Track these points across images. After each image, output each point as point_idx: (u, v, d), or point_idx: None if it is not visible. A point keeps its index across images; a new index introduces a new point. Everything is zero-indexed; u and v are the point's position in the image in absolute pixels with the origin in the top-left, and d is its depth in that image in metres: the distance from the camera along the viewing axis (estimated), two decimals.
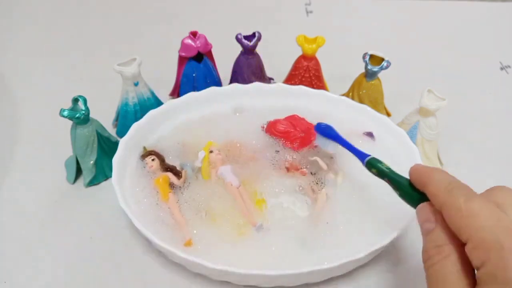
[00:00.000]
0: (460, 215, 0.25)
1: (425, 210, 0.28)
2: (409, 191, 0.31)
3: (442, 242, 0.26)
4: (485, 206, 0.25)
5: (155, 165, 0.43)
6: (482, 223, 0.24)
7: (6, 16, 0.75)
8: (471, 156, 0.51)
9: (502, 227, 0.24)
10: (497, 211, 0.25)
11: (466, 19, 0.76)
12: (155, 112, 0.46)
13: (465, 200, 0.25)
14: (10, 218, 0.43)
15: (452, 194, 0.26)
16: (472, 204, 0.25)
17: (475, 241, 0.24)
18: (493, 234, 0.23)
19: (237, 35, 0.51)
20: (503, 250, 0.23)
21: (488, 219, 0.24)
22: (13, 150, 0.50)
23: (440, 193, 0.27)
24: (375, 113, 0.47)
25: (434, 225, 0.27)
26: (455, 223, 0.25)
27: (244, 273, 0.34)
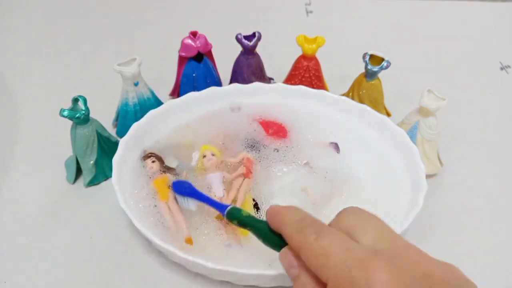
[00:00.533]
0: (314, 255, 0.25)
1: (286, 256, 0.27)
2: (270, 236, 0.29)
3: (310, 286, 0.25)
4: (334, 241, 0.25)
5: (155, 166, 0.43)
6: (334, 260, 0.24)
7: (6, 16, 0.75)
8: (471, 156, 0.51)
9: (352, 260, 0.23)
10: (346, 241, 0.25)
11: (466, 19, 0.76)
12: (155, 112, 0.46)
13: (315, 239, 0.25)
14: (10, 218, 0.43)
15: (304, 234, 0.26)
16: (322, 242, 0.25)
17: (332, 280, 0.24)
18: (346, 271, 0.23)
19: (237, 35, 0.51)
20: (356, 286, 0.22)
21: (338, 254, 0.24)
22: (13, 150, 0.50)
23: (293, 234, 0.27)
24: (375, 113, 0.47)
25: (298, 271, 0.26)
26: (312, 264, 0.25)
27: (244, 273, 0.34)
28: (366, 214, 0.27)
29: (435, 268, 0.23)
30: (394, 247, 0.25)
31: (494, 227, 0.44)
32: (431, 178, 0.47)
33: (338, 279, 0.23)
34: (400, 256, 0.24)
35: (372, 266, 0.23)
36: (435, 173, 0.47)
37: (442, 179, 0.48)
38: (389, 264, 0.23)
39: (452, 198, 0.46)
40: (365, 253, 0.24)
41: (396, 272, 0.22)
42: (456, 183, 0.48)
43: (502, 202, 0.46)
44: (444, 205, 0.45)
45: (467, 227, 0.43)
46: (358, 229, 0.26)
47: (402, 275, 0.22)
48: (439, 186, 0.47)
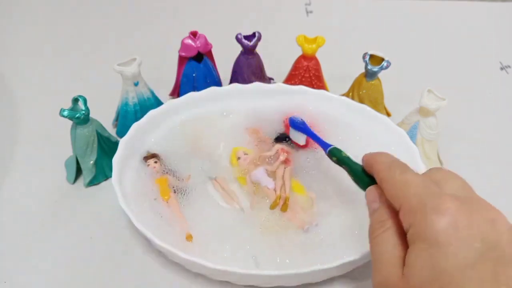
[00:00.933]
0: (395, 185, 0.28)
1: (372, 191, 0.30)
2: (361, 175, 0.33)
3: (385, 218, 0.28)
4: (417, 177, 0.27)
5: (157, 166, 0.43)
6: (412, 190, 0.26)
7: (6, 16, 0.75)
8: (471, 156, 0.51)
9: (429, 192, 0.26)
10: (427, 180, 0.27)
11: (466, 19, 0.76)
12: (155, 112, 0.46)
13: (400, 173, 0.28)
14: (10, 218, 0.43)
15: (390, 170, 0.29)
16: (405, 176, 0.28)
17: (405, 207, 0.26)
18: (419, 198, 0.25)
19: (237, 35, 0.51)
20: (425, 210, 0.24)
21: (417, 186, 0.26)
22: (13, 150, 0.50)
23: (382, 170, 0.30)
24: (375, 113, 0.47)
25: (379, 204, 0.29)
26: (391, 193, 0.28)
27: (244, 273, 0.34)
28: (453, 173, 0.29)
29: (503, 220, 0.25)
30: (471, 196, 0.27)
31: None
32: None
33: (410, 204, 0.26)
34: (474, 202, 0.26)
35: (445, 198, 0.25)
36: None
37: None
38: (461, 201, 0.25)
39: None
40: (442, 191, 0.26)
41: (466, 208, 0.24)
42: None
43: (502, 202, 0.46)
44: None
45: None
46: (443, 181, 0.27)
47: (471, 212, 0.24)
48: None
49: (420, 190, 0.26)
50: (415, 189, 0.26)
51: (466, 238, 0.23)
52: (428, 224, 0.24)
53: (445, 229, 0.23)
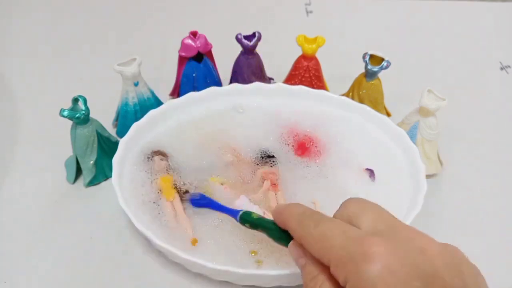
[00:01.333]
0: (314, 241, 0.26)
1: (294, 248, 0.29)
2: (279, 233, 0.31)
3: (316, 273, 0.27)
4: (332, 225, 0.26)
5: (163, 164, 0.43)
6: (332, 242, 0.25)
7: (6, 16, 0.75)
8: (471, 156, 0.51)
9: (350, 239, 0.24)
10: (343, 225, 0.26)
11: (466, 19, 0.76)
12: (155, 112, 0.46)
13: (314, 226, 0.27)
14: (10, 218, 0.43)
15: (304, 224, 0.27)
16: (320, 228, 0.26)
17: (333, 261, 0.25)
18: (344, 249, 0.24)
19: (237, 35, 0.51)
20: (355, 261, 0.23)
21: (337, 237, 0.25)
22: (13, 150, 0.50)
23: (295, 227, 0.28)
24: (375, 113, 0.47)
25: (305, 260, 0.28)
26: (314, 250, 0.26)
27: (244, 273, 0.34)
28: (367, 202, 0.28)
29: (433, 244, 0.24)
30: (392, 226, 0.26)
31: (494, 227, 0.44)
32: (431, 178, 0.47)
33: (338, 258, 0.24)
34: (397, 234, 0.25)
35: (368, 241, 0.24)
36: (435, 173, 0.47)
37: (442, 179, 0.48)
38: (385, 239, 0.24)
39: (452, 198, 0.46)
40: (362, 233, 0.25)
41: (392, 246, 0.23)
42: (456, 183, 0.48)
43: (502, 202, 0.46)
44: (444, 205, 0.45)
45: (467, 227, 0.43)
46: (359, 215, 0.27)
47: (399, 248, 0.23)
48: (439, 186, 0.47)
49: (341, 240, 0.25)
50: (335, 241, 0.25)
51: (405, 279, 0.22)
52: (363, 276, 0.23)
53: (380, 275, 0.22)
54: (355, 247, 0.24)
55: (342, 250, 0.24)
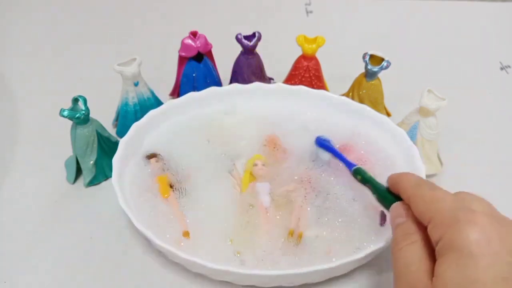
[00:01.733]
0: (424, 201, 0.28)
1: (397, 207, 0.31)
2: (385, 194, 0.34)
3: (411, 231, 0.28)
4: (447, 194, 0.28)
5: (158, 165, 0.43)
6: (442, 205, 0.27)
7: (6, 16, 0.75)
8: (471, 156, 0.51)
9: (461, 207, 0.26)
10: (457, 197, 0.28)
11: (466, 19, 0.76)
12: (155, 112, 0.46)
13: (429, 189, 0.29)
14: (10, 218, 0.43)
15: (420, 186, 0.30)
16: (435, 192, 0.28)
17: (435, 220, 0.26)
18: (451, 212, 0.26)
19: (237, 35, 0.51)
20: (458, 222, 0.25)
21: (449, 201, 0.27)
22: (13, 150, 0.50)
23: (409, 187, 0.30)
24: (375, 113, 0.47)
25: (405, 219, 0.29)
26: (420, 209, 0.28)
27: (244, 273, 0.34)
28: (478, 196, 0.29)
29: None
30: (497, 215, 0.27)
31: None
32: (431, 178, 0.47)
33: (442, 218, 0.26)
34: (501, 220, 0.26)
35: (477, 214, 0.25)
36: (435, 173, 0.47)
37: (442, 179, 0.48)
38: (491, 219, 0.25)
39: None
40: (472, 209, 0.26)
41: (497, 225, 0.25)
42: (456, 183, 0.47)
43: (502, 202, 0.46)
44: None
45: None
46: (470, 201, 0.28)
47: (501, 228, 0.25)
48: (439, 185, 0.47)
49: (452, 205, 0.26)
50: (447, 204, 0.27)
51: (499, 252, 0.23)
52: (462, 235, 0.24)
53: (478, 241, 0.24)
54: (463, 213, 0.25)
55: (449, 212, 0.26)
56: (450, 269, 0.24)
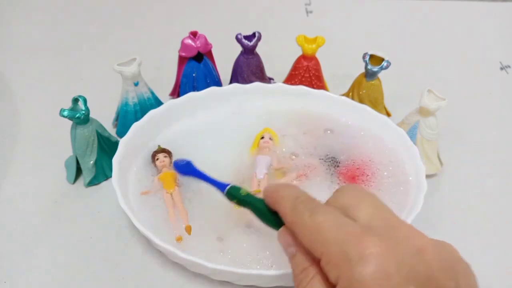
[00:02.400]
0: (307, 231, 0.25)
1: (284, 235, 0.27)
2: (268, 214, 0.29)
3: (306, 265, 0.25)
4: (328, 217, 0.25)
5: (166, 161, 0.43)
6: (327, 236, 0.24)
7: (6, 16, 0.75)
8: (471, 156, 0.51)
9: (345, 235, 0.23)
10: (340, 217, 0.25)
11: (466, 19, 0.76)
12: (155, 112, 0.46)
13: (310, 215, 0.25)
14: (10, 218, 0.43)
15: (298, 211, 0.26)
16: (316, 218, 0.25)
17: (325, 256, 0.24)
18: (338, 245, 0.23)
19: (237, 35, 0.51)
20: (349, 261, 0.22)
21: (331, 229, 0.24)
22: (13, 150, 0.50)
23: (288, 211, 0.27)
24: (375, 113, 0.47)
25: (295, 249, 0.26)
26: (306, 241, 0.25)
27: (244, 273, 0.34)
28: (363, 192, 0.27)
29: (429, 244, 0.23)
30: (389, 224, 0.25)
31: (494, 227, 0.44)
32: (431, 178, 0.47)
33: (331, 254, 0.23)
34: (394, 232, 0.24)
35: (364, 240, 0.23)
36: (435, 173, 0.47)
37: (442, 179, 0.48)
38: (381, 239, 0.23)
39: (452, 198, 0.46)
40: (358, 229, 0.24)
41: (389, 247, 0.22)
42: (456, 183, 0.48)
43: (502, 202, 0.46)
44: (444, 205, 0.45)
45: (467, 227, 0.43)
46: (355, 206, 0.26)
47: (395, 249, 0.22)
48: (439, 186, 0.47)
49: (336, 235, 0.23)
50: (330, 234, 0.24)
51: (399, 283, 0.21)
52: (356, 278, 0.22)
53: (375, 279, 0.21)
54: (351, 245, 0.23)
55: (336, 246, 0.23)
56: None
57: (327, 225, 0.24)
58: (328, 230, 0.24)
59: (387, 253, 0.22)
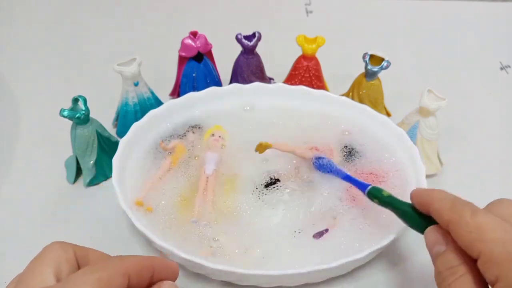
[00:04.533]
0: (468, 230, 0.25)
1: (433, 233, 0.28)
2: (413, 216, 0.30)
3: (456, 263, 0.26)
4: (492, 219, 0.25)
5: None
6: (490, 236, 0.24)
7: (6, 15, 0.75)
8: (471, 156, 0.51)
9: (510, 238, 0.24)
10: (503, 223, 0.25)
11: (466, 19, 0.76)
12: (155, 112, 0.46)
13: (471, 215, 0.25)
14: (10, 218, 0.43)
15: (457, 210, 0.26)
16: (478, 218, 0.25)
17: (486, 255, 0.24)
18: (503, 247, 0.23)
19: (237, 35, 0.51)
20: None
21: (496, 231, 0.24)
22: (13, 150, 0.50)
23: (445, 210, 0.27)
24: (375, 113, 0.47)
25: (445, 247, 0.27)
26: (464, 239, 0.25)
27: (244, 273, 0.34)
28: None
29: None
30: None
31: None
32: (431, 178, 0.47)
33: (494, 254, 0.23)
34: None
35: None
36: (435, 173, 0.47)
37: (442, 179, 0.48)
38: None
39: None
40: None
41: None
42: (456, 183, 0.48)
43: None
44: None
45: None
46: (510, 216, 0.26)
47: None
48: (439, 186, 0.47)
49: (501, 236, 0.24)
50: (494, 235, 0.24)
51: None
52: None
53: None
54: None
55: (500, 247, 0.23)
56: None
57: (491, 226, 0.25)
58: (492, 230, 0.24)
59: None
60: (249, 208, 0.40)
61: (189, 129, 0.47)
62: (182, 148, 0.45)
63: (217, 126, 0.47)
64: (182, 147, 0.45)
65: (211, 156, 0.44)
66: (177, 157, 0.44)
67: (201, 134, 0.46)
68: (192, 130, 0.47)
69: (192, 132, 0.46)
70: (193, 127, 0.47)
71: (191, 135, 0.46)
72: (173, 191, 0.41)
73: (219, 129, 0.47)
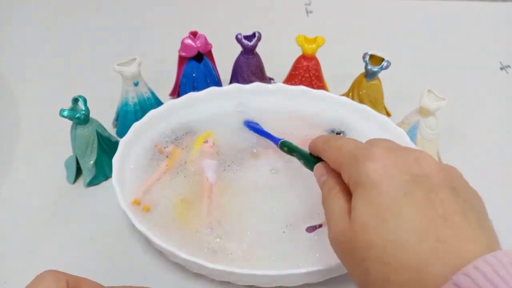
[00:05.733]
0: (333, 152, 0.31)
1: (319, 167, 0.33)
2: (309, 157, 0.37)
3: (332, 185, 0.30)
4: (348, 140, 0.31)
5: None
6: (345, 149, 0.30)
7: (6, 16, 0.75)
8: (471, 156, 0.51)
9: (359, 147, 0.29)
10: (357, 141, 0.31)
11: (466, 19, 0.76)
12: (155, 112, 0.46)
13: (335, 140, 0.32)
14: (10, 218, 0.43)
15: (328, 141, 0.33)
16: (339, 141, 0.31)
17: (344, 166, 0.29)
18: (352, 153, 0.29)
19: (237, 35, 0.51)
20: (357, 160, 0.28)
21: (349, 146, 0.30)
22: (13, 150, 0.50)
23: (320, 143, 0.34)
24: (375, 113, 0.47)
25: (327, 176, 0.32)
26: (332, 160, 0.31)
27: (244, 273, 0.34)
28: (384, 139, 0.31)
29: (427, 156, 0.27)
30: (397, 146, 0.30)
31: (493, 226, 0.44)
32: None
33: (346, 161, 0.29)
34: (398, 149, 0.29)
35: (373, 149, 0.28)
36: None
37: None
38: (387, 150, 0.28)
39: None
40: (369, 145, 0.29)
41: (392, 154, 0.27)
42: None
43: (502, 202, 0.46)
44: None
45: None
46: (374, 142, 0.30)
47: (397, 156, 0.27)
48: None
49: (352, 148, 0.29)
50: (348, 148, 0.30)
51: (395, 173, 0.26)
52: (362, 171, 0.27)
53: (376, 170, 0.26)
54: (361, 151, 0.28)
55: (350, 154, 0.29)
56: (359, 202, 0.26)
57: (346, 143, 0.31)
58: (346, 146, 0.30)
59: (389, 156, 0.27)
60: (250, 208, 0.40)
61: (185, 134, 0.47)
62: (179, 152, 0.45)
63: (208, 133, 0.47)
64: (178, 151, 0.45)
65: (210, 163, 0.44)
66: (174, 159, 0.44)
67: (193, 139, 0.46)
68: (187, 135, 0.46)
69: (187, 137, 0.46)
70: (188, 132, 0.47)
71: (186, 139, 0.46)
72: (172, 193, 0.41)
73: (210, 135, 0.46)
